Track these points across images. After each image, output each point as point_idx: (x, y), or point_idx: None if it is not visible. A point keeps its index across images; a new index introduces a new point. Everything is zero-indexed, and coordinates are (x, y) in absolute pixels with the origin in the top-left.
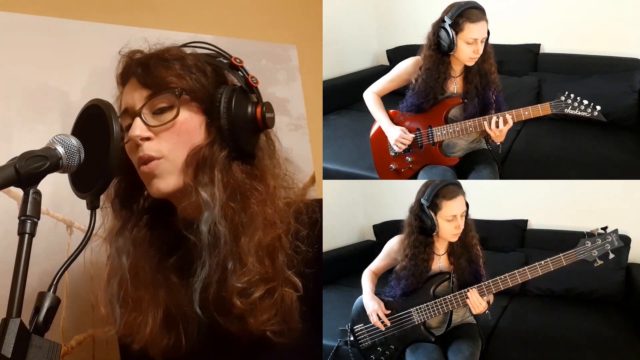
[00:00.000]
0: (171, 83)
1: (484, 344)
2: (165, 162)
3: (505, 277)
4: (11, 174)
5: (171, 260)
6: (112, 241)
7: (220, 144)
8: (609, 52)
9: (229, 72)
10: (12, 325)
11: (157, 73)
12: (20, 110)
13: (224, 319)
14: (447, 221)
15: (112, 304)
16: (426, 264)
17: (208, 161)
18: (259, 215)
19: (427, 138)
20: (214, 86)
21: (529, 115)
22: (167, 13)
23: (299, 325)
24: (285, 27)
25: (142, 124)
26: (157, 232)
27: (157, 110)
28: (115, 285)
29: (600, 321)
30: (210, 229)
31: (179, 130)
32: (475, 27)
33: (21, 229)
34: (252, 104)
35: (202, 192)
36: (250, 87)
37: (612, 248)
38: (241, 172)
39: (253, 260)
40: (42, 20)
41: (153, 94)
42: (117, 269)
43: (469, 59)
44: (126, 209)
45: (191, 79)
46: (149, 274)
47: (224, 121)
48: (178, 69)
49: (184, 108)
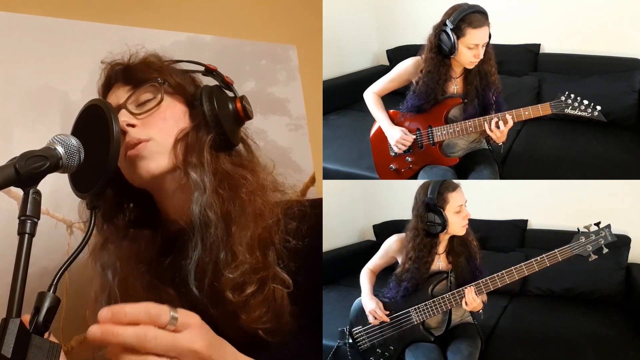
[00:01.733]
0: (152, 75)
1: (483, 344)
2: (153, 143)
3: (502, 274)
4: (11, 173)
5: (164, 265)
6: (96, 257)
7: (204, 128)
8: (609, 52)
9: (205, 76)
10: (12, 325)
11: (139, 70)
12: (20, 110)
13: (217, 312)
14: (455, 213)
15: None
16: (428, 266)
17: (196, 144)
18: (248, 205)
19: (427, 138)
20: (193, 87)
21: (529, 115)
22: (167, 13)
23: (290, 323)
24: (285, 27)
25: (127, 113)
26: (144, 242)
27: (141, 103)
28: (104, 303)
29: (600, 321)
30: (201, 210)
31: (164, 116)
32: (477, 33)
33: (21, 229)
34: (231, 98)
35: (192, 172)
36: (227, 84)
37: (606, 243)
38: (230, 163)
39: (244, 251)
40: (42, 20)
41: (136, 86)
42: (104, 286)
43: (470, 62)
44: (109, 223)
45: (171, 75)
46: (139, 291)
47: (206, 109)
48: (158, 65)
49: (167, 96)
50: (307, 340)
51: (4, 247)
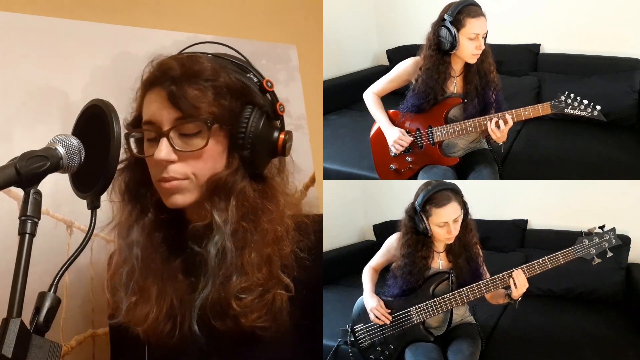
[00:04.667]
0: (202, 109)
1: (483, 344)
2: (186, 182)
3: (502, 275)
4: (12, 174)
5: (177, 261)
6: (122, 233)
7: (242, 173)
8: (609, 52)
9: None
10: (12, 326)
11: (189, 96)
12: (20, 110)
13: (219, 322)
14: (438, 227)
15: (119, 292)
16: (425, 262)
17: (227, 188)
18: (269, 233)
19: (427, 138)
20: (241, 105)
21: (529, 115)
22: (167, 13)
23: (286, 322)
24: (285, 27)
25: (169, 145)
26: (165, 229)
27: (184, 134)
28: (125, 275)
29: (600, 321)
30: (218, 251)
31: (204, 157)
32: (477, 22)
33: (21, 229)
34: (276, 131)
35: (216, 215)
36: (276, 114)
37: (610, 246)
38: (253, 192)
39: (253, 270)
40: (42, 20)
41: (183, 117)
42: (127, 259)
43: (472, 55)
44: (136, 201)
45: (222, 105)
46: (159, 265)
47: (247, 151)
48: (210, 96)
49: (212, 136)
50: (307, 340)
51: (4, 248)
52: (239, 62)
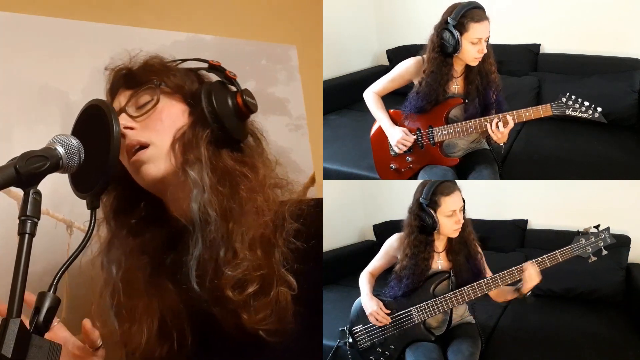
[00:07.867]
0: (151, 78)
1: (483, 344)
2: (152, 148)
3: (503, 274)
4: (11, 174)
5: (167, 261)
6: (104, 253)
7: (201, 124)
8: (609, 52)
9: (210, 73)
10: (12, 326)
11: (139, 74)
12: (20, 110)
13: (218, 310)
14: (447, 217)
15: (108, 316)
16: (426, 263)
17: (193, 140)
18: (248, 203)
19: (427, 138)
20: (197, 84)
21: (530, 116)
22: (167, 13)
23: (292, 325)
24: (285, 27)
25: (126, 116)
26: (149, 237)
27: (140, 106)
28: (108, 297)
29: (600, 321)
30: (200, 207)
31: (162, 117)
32: (480, 27)
33: (21, 229)
34: (232, 92)
35: (190, 170)
36: (229, 79)
37: (605, 245)
38: (230, 159)
39: (245, 249)
40: (42, 20)
41: (135, 91)
42: (108, 280)
43: (474, 59)
44: (117, 219)
45: (170, 75)
46: (142, 282)
47: (204, 105)
48: (158, 67)
49: (165, 96)
50: (307, 340)
51: (4, 248)
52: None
